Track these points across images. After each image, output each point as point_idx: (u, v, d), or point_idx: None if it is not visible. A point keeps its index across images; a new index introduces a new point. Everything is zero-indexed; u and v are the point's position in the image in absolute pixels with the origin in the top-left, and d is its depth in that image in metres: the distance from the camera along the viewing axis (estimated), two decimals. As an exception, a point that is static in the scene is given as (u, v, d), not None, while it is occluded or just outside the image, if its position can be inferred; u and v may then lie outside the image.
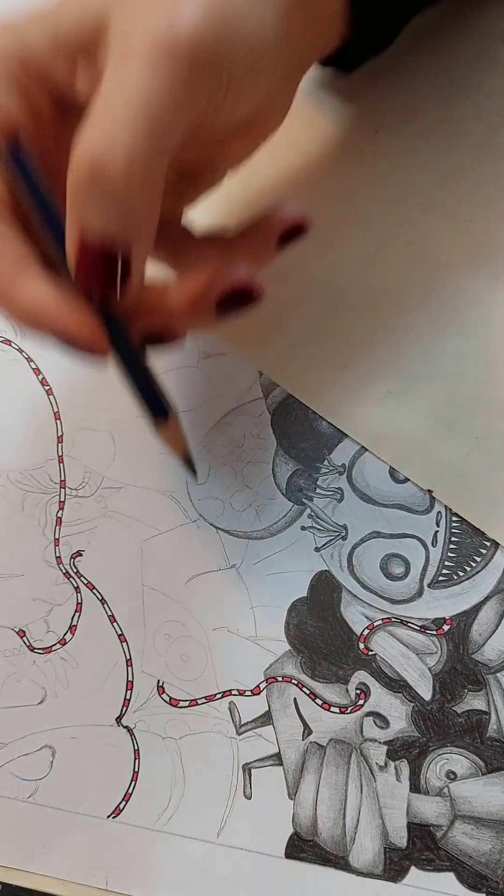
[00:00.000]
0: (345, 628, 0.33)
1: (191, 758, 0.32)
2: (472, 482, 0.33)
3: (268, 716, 0.32)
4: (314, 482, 0.35)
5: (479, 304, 0.34)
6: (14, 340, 0.40)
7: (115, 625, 0.34)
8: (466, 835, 0.30)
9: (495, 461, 0.33)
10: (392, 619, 0.33)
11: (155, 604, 0.34)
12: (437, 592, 0.33)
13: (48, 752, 0.33)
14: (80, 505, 0.37)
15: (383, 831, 0.30)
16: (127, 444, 0.37)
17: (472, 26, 0.38)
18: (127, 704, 0.33)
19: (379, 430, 0.34)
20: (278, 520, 0.35)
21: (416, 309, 0.35)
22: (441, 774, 0.31)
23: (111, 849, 0.32)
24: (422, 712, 0.32)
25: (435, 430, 0.34)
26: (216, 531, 0.35)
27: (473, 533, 0.33)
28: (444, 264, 0.35)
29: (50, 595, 0.35)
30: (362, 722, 0.32)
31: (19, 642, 0.35)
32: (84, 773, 0.33)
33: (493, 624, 0.32)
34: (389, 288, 0.36)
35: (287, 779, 0.32)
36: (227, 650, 0.33)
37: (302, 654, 0.33)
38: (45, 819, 0.32)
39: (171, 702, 0.33)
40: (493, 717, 0.31)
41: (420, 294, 0.35)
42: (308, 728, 0.32)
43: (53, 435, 0.38)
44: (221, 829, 0.31)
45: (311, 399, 0.36)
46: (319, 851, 0.30)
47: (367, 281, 0.36)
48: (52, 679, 0.34)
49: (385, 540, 0.34)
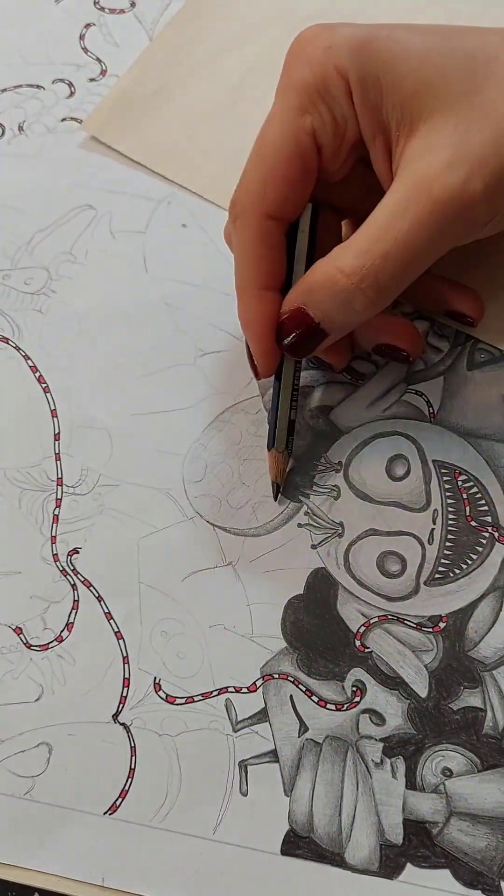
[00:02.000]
0: (341, 625, 0.33)
1: (187, 755, 0.32)
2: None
3: (264, 713, 0.32)
4: (311, 479, 0.35)
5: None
6: (11, 338, 0.40)
7: (111, 622, 0.35)
8: (462, 832, 0.30)
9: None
10: (388, 617, 0.33)
11: (151, 601, 0.35)
12: (434, 590, 0.33)
13: (45, 749, 0.33)
14: (76, 502, 0.37)
15: (379, 828, 0.30)
16: (124, 441, 0.37)
17: None
18: (123, 701, 0.33)
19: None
20: (275, 517, 0.35)
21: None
22: (437, 771, 0.31)
23: (108, 845, 0.32)
24: (418, 709, 0.32)
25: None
26: (213, 528, 0.35)
27: (470, 531, 0.33)
28: None
29: (47, 592, 0.35)
30: (358, 719, 0.32)
31: (16, 639, 0.35)
32: (81, 769, 0.33)
33: (489, 621, 0.32)
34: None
35: (283, 776, 0.32)
36: (223, 647, 0.33)
37: (298, 652, 0.33)
38: (41, 816, 0.32)
39: (167, 699, 0.33)
40: (489, 714, 0.31)
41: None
42: (304, 725, 0.32)
43: (50, 432, 0.38)
44: (217, 825, 0.31)
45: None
46: (315, 848, 0.31)
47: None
48: (49, 676, 0.34)
49: (381, 537, 0.34)
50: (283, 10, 0.44)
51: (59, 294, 0.40)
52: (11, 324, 0.40)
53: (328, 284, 0.29)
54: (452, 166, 0.28)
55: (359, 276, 0.29)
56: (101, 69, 0.45)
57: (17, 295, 0.40)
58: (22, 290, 0.40)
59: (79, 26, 0.46)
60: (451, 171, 0.28)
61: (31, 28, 0.46)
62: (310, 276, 0.30)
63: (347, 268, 0.29)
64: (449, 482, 0.34)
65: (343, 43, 0.29)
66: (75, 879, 0.32)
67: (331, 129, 0.30)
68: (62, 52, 0.45)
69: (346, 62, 0.29)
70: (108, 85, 0.44)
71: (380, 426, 0.35)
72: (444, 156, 0.28)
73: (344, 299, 0.30)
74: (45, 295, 0.40)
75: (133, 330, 0.39)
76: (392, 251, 0.28)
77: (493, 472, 0.34)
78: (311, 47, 0.30)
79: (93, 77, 0.45)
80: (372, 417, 0.36)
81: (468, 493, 0.34)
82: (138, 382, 0.38)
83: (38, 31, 0.46)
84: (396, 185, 0.29)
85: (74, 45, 0.45)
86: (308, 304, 0.30)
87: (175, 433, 0.37)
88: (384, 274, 0.29)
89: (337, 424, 0.36)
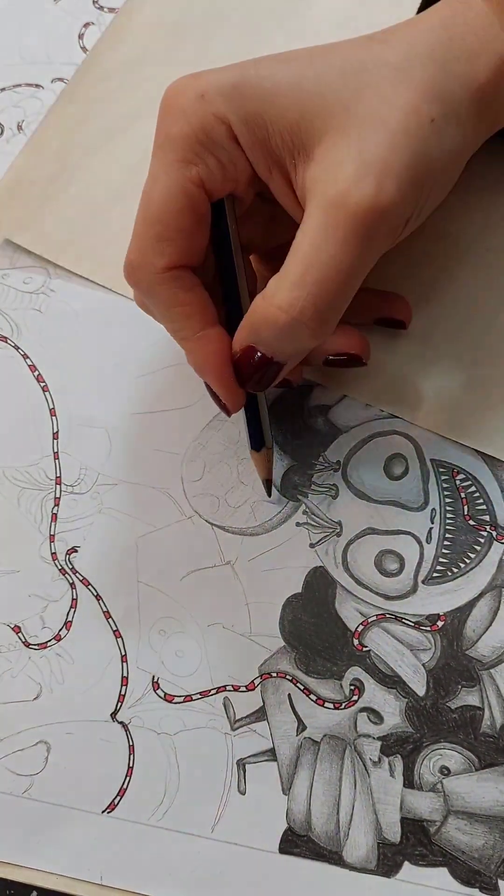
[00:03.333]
0: (339, 624, 0.33)
1: (185, 753, 0.32)
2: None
3: (262, 711, 0.32)
4: (309, 479, 0.35)
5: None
6: (10, 337, 0.40)
7: (110, 621, 0.35)
8: (460, 830, 0.30)
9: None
10: (386, 616, 0.33)
11: (150, 600, 0.35)
12: (432, 589, 0.33)
13: (43, 748, 0.33)
14: (75, 501, 0.37)
15: (377, 826, 0.30)
16: (122, 440, 0.37)
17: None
18: (122, 700, 0.33)
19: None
20: (273, 516, 0.35)
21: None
22: (435, 770, 0.31)
23: (106, 844, 0.32)
24: (416, 708, 0.32)
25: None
26: (211, 527, 0.35)
27: (468, 530, 0.33)
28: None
29: (45, 591, 0.35)
30: (356, 718, 0.32)
31: (15, 638, 0.35)
32: (79, 768, 0.33)
33: (486, 620, 0.32)
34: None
35: (281, 774, 0.32)
36: (221, 646, 0.34)
37: (296, 650, 0.33)
38: (40, 814, 0.33)
39: (165, 697, 0.33)
40: (487, 712, 0.31)
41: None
42: (302, 724, 0.32)
43: (49, 431, 0.38)
44: (216, 824, 0.31)
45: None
46: (313, 847, 0.31)
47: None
48: (48, 675, 0.34)
49: (380, 536, 0.34)
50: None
51: (58, 293, 0.40)
52: (10, 323, 0.40)
53: (270, 322, 0.29)
54: (360, 179, 0.28)
55: (297, 310, 0.28)
56: (100, 68, 0.45)
57: (16, 294, 0.40)
58: (21, 290, 0.40)
59: (78, 25, 0.46)
60: (360, 184, 0.28)
61: (30, 27, 0.46)
62: (252, 314, 0.30)
63: (284, 304, 0.28)
64: (447, 481, 0.34)
65: (215, 89, 0.29)
66: (74, 878, 0.32)
67: (219, 176, 0.30)
68: (61, 51, 0.45)
69: (223, 107, 0.29)
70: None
71: (378, 425, 0.36)
72: (349, 171, 0.28)
73: (289, 334, 0.29)
74: (45, 294, 0.40)
75: (132, 329, 0.39)
76: (324, 277, 0.28)
77: (490, 471, 0.34)
78: (182, 98, 0.29)
79: (92, 76, 0.45)
80: (370, 417, 0.36)
81: (466, 492, 0.34)
82: (137, 381, 0.38)
83: (37, 30, 0.46)
84: (311, 209, 0.29)
85: (73, 45, 0.45)
86: (256, 343, 0.30)
87: (174, 432, 0.37)
88: (323, 302, 0.28)
89: (335, 423, 0.36)
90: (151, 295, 0.31)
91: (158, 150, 0.30)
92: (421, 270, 0.36)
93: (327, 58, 0.29)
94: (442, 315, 0.36)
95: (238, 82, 0.29)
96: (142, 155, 0.30)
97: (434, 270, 0.37)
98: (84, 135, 0.42)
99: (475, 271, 0.36)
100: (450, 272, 0.37)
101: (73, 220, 0.41)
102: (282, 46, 0.31)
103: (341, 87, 0.29)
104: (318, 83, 0.29)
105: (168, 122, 0.30)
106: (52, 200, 0.41)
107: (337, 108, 0.28)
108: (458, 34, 0.29)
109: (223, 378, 0.31)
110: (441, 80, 0.29)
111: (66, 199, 0.41)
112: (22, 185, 0.42)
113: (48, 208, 0.41)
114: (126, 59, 0.44)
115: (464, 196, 0.34)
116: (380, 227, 0.28)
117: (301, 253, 0.28)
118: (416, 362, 0.36)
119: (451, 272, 0.37)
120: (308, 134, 0.29)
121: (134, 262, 0.31)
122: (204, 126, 0.29)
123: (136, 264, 0.30)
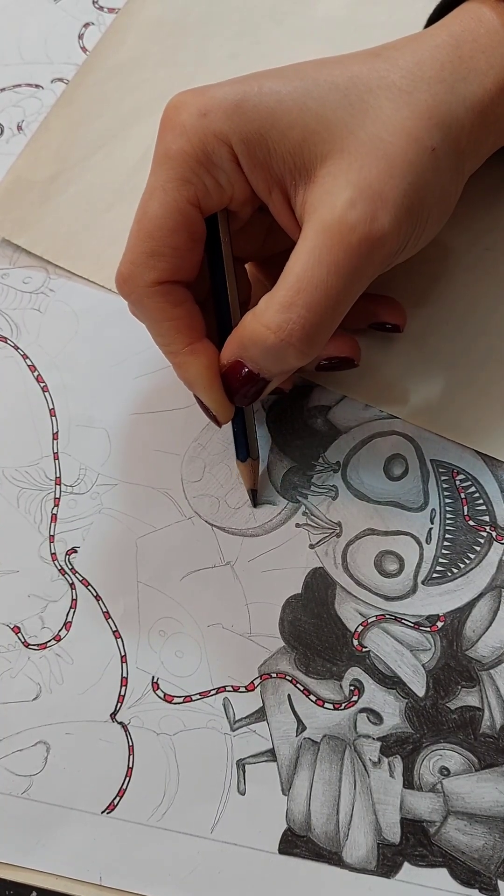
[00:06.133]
0: (339, 625, 0.33)
1: (185, 754, 0.32)
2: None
3: (262, 712, 0.32)
4: (309, 480, 0.35)
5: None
6: (10, 337, 0.40)
7: (109, 621, 0.35)
8: (459, 830, 0.30)
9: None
10: (386, 616, 0.33)
11: (150, 600, 0.35)
12: (431, 589, 0.33)
13: (43, 748, 0.33)
14: (75, 502, 0.37)
15: (376, 827, 0.30)
16: (122, 441, 0.37)
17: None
18: (121, 700, 0.33)
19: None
20: (273, 517, 0.35)
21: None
22: (434, 770, 0.31)
23: (105, 844, 0.32)
24: (415, 708, 0.32)
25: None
26: (211, 528, 0.35)
27: (467, 530, 0.34)
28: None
29: (45, 591, 0.35)
30: (356, 718, 0.32)
31: (14, 638, 0.35)
32: (78, 768, 0.33)
33: (486, 621, 0.32)
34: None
35: (281, 775, 0.32)
36: (221, 646, 0.34)
37: (296, 651, 0.33)
38: (39, 815, 0.33)
39: (165, 698, 0.33)
40: (487, 713, 0.31)
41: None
42: (302, 724, 0.32)
43: (49, 432, 0.38)
44: (215, 824, 0.31)
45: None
46: (313, 847, 0.31)
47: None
48: (47, 675, 0.34)
49: (379, 537, 0.34)
50: (182, 82, 0.35)
51: (58, 293, 0.40)
52: (10, 323, 0.40)
53: (258, 341, 0.29)
54: (357, 206, 0.28)
55: (286, 332, 0.28)
56: (99, 68, 0.45)
57: (16, 294, 0.40)
58: (20, 290, 0.40)
59: (78, 25, 0.46)
60: (356, 211, 0.28)
61: (30, 27, 0.46)
62: (241, 330, 0.30)
63: (273, 325, 0.28)
64: (447, 482, 0.34)
65: (218, 108, 0.29)
66: (73, 878, 0.32)
67: (216, 196, 0.30)
68: (61, 51, 0.45)
69: (225, 128, 0.29)
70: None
71: (378, 426, 0.36)
72: (347, 196, 0.28)
73: (276, 354, 0.29)
74: (44, 294, 0.40)
75: (131, 329, 0.39)
76: (314, 301, 0.28)
77: (490, 472, 0.34)
78: (185, 115, 0.29)
79: (92, 76, 0.45)
80: (370, 417, 0.36)
81: (466, 493, 0.34)
82: (137, 381, 0.38)
83: (37, 30, 0.46)
84: (307, 232, 0.28)
85: (73, 45, 0.45)
86: (244, 358, 0.30)
87: (173, 433, 0.37)
88: (311, 325, 0.28)
89: (335, 424, 0.36)
90: (141, 308, 0.31)
91: (157, 167, 0.30)
92: (418, 271, 0.37)
93: (332, 75, 0.29)
94: (439, 316, 0.36)
95: (241, 101, 0.29)
96: (142, 155, 0.30)
97: (431, 271, 0.37)
98: (84, 135, 0.42)
99: (471, 272, 0.37)
100: (446, 272, 0.37)
101: (73, 220, 0.41)
102: (282, 46, 0.31)
103: (344, 109, 0.29)
104: (322, 104, 0.29)
105: (168, 139, 0.29)
106: (51, 201, 0.41)
107: (340, 131, 0.28)
108: (467, 54, 0.29)
109: (213, 391, 0.31)
110: (446, 102, 0.29)
111: (66, 200, 0.41)
112: (22, 185, 0.42)
113: (48, 208, 0.41)
114: (126, 60, 0.44)
115: (462, 196, 0.34)
116: (373, 255, 0.28)
117: (293, 275, 0.28)
118: (415, 363, 0.36)
119: (448, 272, 0.37)
120: (311, 156, 0.29)
121: (125, 275, 0.31)
122: (204, 146, 0.29)
123: (127, 277, 0.31)
